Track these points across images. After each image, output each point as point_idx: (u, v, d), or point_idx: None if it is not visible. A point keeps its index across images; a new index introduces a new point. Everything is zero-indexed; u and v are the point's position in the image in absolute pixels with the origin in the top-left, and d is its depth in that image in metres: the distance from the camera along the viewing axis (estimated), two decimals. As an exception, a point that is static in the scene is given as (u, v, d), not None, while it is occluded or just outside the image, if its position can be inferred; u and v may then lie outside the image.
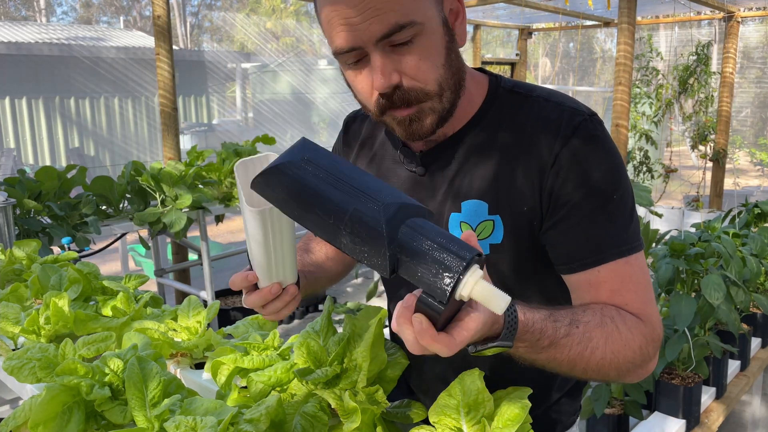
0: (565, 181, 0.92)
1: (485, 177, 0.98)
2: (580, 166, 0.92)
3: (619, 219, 0.93)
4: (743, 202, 3.21)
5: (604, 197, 0.92)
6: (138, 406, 0.97)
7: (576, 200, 0.92)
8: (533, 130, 0.95)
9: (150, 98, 12.31)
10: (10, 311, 1.46)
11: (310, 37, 29.21)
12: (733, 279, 2.15)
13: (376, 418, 0.99)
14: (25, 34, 11.72)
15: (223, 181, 3.89)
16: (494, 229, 0.97)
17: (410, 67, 0.88)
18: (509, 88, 1.01)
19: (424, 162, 1.03)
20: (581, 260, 0.93)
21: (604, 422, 1.99)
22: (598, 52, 25.05)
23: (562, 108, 0.96)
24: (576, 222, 0.92)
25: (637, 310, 0.92)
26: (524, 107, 0.98)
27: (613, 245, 0.92)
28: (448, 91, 0.92)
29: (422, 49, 0.87)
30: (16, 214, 2.84)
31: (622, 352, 0.88)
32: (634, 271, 0.93)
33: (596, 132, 0.94)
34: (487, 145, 0.99)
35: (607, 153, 0.94)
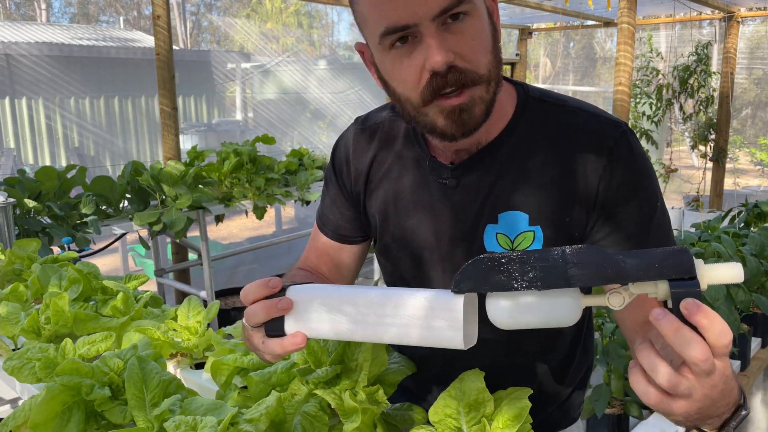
0: (617, 193, 0.93)
1: (523, 188, 0.96)
2: (628, 179, 0.93)
3: (664, 225, 0.95)
4: (743, 202, 3.21)
5: (651, 206, 0.94)
6: (138, 406, 0.97)
7: (628, 211, 0.93)
8: (573, 141, 0.94)
9: (150, 98, 12.30)
10: (10, 311, 1.46)
11: (310, 37, 29.20)
12: (733, 279, 2.16)
13: (376, 419, 0.99)
14: (25, 34, 11.72)
15: (223, 181, 3.89)
16: (534, 240, 0.96)
17: (464, 48, 0.84)
18: (538, 97, 1.00)
19: (456, 174, 0.99)
20: None
21: (604, 422, 1.99)
22: (598, 52, 25.05)
23: (599, 119, 0.96)
24: (629, 231, 0.93)
25: None
26: (558, 117, 0.97)
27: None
28: (493, 82, 0.89)
29: (474, 29, 0.85)
30: (16, 214, 2.84)
31: None
32: None
33: (636, 143, 0.95)
34: (522, 156, 0.97)
35: (646, 163, 0.95)
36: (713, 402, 0.65)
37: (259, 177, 3.95)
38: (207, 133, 12.72)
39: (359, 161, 1.11)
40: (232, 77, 17.14)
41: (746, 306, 2.20)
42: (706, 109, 6.49)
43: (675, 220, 5.77)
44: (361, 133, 1.12)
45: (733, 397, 0.69)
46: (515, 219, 0.97)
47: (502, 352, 1.07)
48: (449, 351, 0.76)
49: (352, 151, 1.12)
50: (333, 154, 1.16)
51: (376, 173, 1.09)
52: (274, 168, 4.18)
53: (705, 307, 0.61)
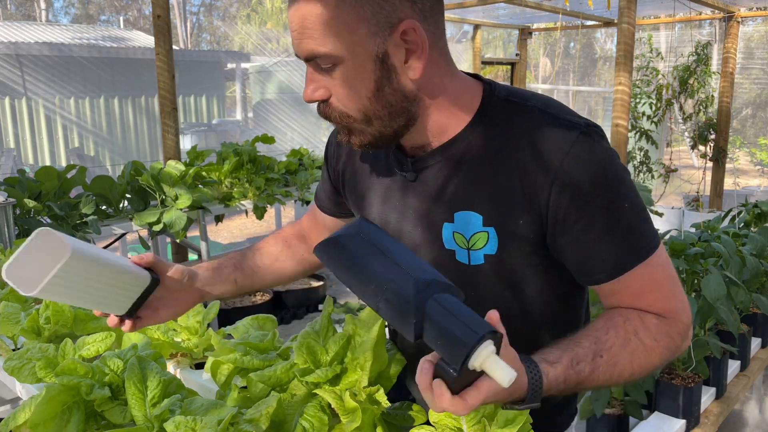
0: (573, 198, 0.91)
1: (478, 188, 0.96)
2: (585, 182, 0.90)
3: (634, 226, 0.93)
4: (743, 202, 3.21)
5: (615, 209, 0.92)
6: (138, 406, 0.97)
7: (589, 216, 0.91)
8: (530, 143, 0.93)
9: (150, 98, 12.30)
10: (10, 311, 1.46)
11: (310, 37, 29.13)
12: (733, 279, 2.15)
13: (376, 418, 0.99)
14: (25, 34, 11.72)
15: (223, 181, 3.89)
16: (488, 241, 0.97)
17: (335, 90, 0.92)
18: (504, 96, 0.99)
19: (415, 167, 1.02)
20: (604, 273, 0.94)
21: (604, 422, 1.99)
22: (598, 52, 25.05)
23: (559, 121, 0.94)
24: (594, 238, 0.92)
25: (660, 309, 0.95)
26: (519, 117, 0.96)
27: (633, 253, 0.93)
28: (377, 121, 0.93)
29: (343, 78, 0.91)
30: (16, 214, 2.84)
31: (648, 362, 0.93)
32: (654, 270, 0.94)
33: (596, 144, 0.92)
34: (479, 156, 0.97)
35: (610, 163, 0.92)
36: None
37: (259, 177, 3.95)
38: (207, 133, 12.72)
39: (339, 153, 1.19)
40: (232, 77, 17.14)
41: (746, 306, 2.19)
42: (706, 109, 6.49)
43: (675, 220, 5.77)
44: None
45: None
46: (469, 219, 0.97)
47: None
48: None
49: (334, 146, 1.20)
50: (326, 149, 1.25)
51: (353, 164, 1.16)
52: (274, 168, 4.18)
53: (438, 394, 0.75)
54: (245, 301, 4.58)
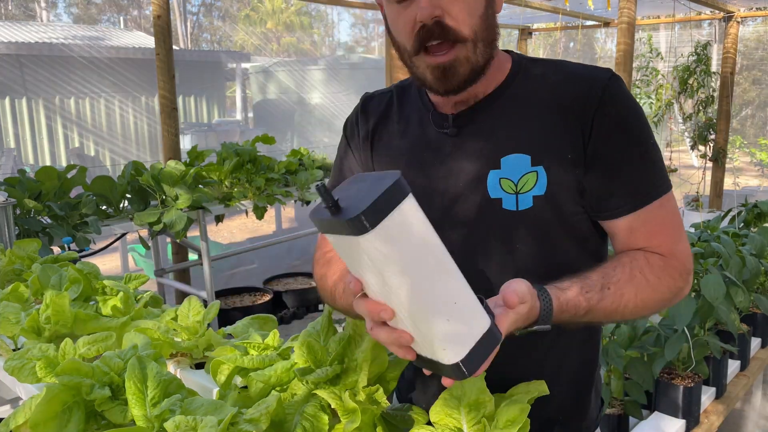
0: (612, 128, 0.98)
1: (523, 131, 1.02)
2: (622, 114, 0.99)
3: (658, 161, 1.01)
4: (743, 202, 3.21)
5: (643, 144, 1.00)
6: (138, 406, 0.97)
7: (621, 147, 0.99)
8: (566, 86, 1.01)
9: (150, 98, 12.30)
10: (10, 311, 1.46)
11: (310, 37, 29.20)
12: (732, 279, 2.15)
13: (376, 419, 0.99)
14: (25, 34, 11.72)
15: (223, 181, 3.89)
16: (537, 181, 1.00)
17: (453, 7, 0.94)
18: (532, 58, 1.09)
19: (456, 123, 1.05)
20: (627, 205, 1.00)
21: (605, 422, 1.99)
22: (598, 52, 25.05)
23: (588, 67, 1.04)
24: (622, 169, 0.99)
25: (666, 251, 1.01)
26: (550, 69, 1.05)
27: (651, 188, 1.00)
28: (481, 44, 0.97)
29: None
30: (16, 214, 2.84)
31: (652, 297, 0.98)
32: (666, 212, 1.02)
33: (625, 86, 1.02)
34: (519, 104, 1.03)
35: (636, 103, 1.02)
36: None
37: (259, 177, 3.95)
38: (207, 133, 12.72)
39: (365, 126, 1.17)
40: (232, 77, 17.15)
41: (746, 306, 2.19)
42: (706, 109, 6.49)
43: (675, 220, 5.76)
44: (368, 101, 1.20)
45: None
46: (517, 161, 1.01)
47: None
48: None
49: (360, 118, 1.19)
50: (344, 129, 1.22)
51: (381, 134, 1.15)
52: (274, 168, 4.18)
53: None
54: (245, 301, 4.59)
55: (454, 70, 0.97)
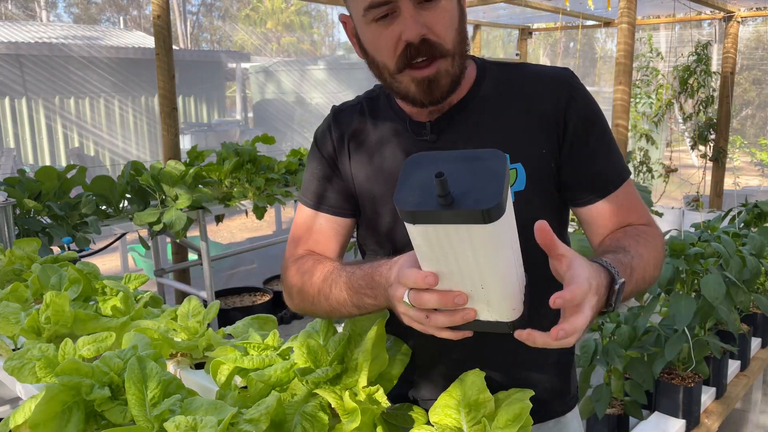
0: (581, 122, 1.06)
1: (499, 132, 1.07)
2: (588, 109, 1.07)
3: (616, 147, 1.11)
4: (743, 202, 3.21)
5: (607, 133, 1.09)
6: (138, 406, 0.96)
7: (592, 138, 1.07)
8: (533, 86, 1.08)
9: (150, 98, 12.30)
10: (10, 311, 1.46)
11: (310, 36, 29.18)
12: (732, 279, 2.15)
13: (376, 418, 0.99)
14: (25, 34, 11.72)
15: (223, 181, 3.89)
16: (517, 177, 1.05)
17: (435, 24, 0.97)
18: (495, 62, 1.15)
19: (434, 130, 1.09)
20: (606, 186, 1.07)
21: (604, 422, 1.99)
22: (598, 52, 25.05)
23: (549, 67, 1.12)
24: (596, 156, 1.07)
25: (645, 220, 1.09)
26: (515, 72, 1.11)
27: (621, 169, 1.09)
28: (458, 57, 1.01)
29: (444, 9, 0.98)
30: (16, 214, 2.84)
31: (658, 256, 1.03)
32: (633, 190, 1.11)
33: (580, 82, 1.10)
34: (492, 106, 1.08)
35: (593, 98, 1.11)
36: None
37: (259, 177, 3.95)
38: (207, 133, 12.73)
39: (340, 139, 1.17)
40: (232, 77, 17.15)
41: (746, 306, 2.19)
42: (706, 109, 6.49)
43: (675, 220, 5.77)
44: (339, 114, 1.20)
45: (603, 287, 0.84)
46: None
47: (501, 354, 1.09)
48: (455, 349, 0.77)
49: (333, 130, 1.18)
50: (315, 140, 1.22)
51: (358, 147, 1.16)
52: (274, 168, 4.18)
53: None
54: (245, 301, 4.58)
55: (437, 83, 1.00)
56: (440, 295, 0.77)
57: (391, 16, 0.97)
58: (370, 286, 0.93)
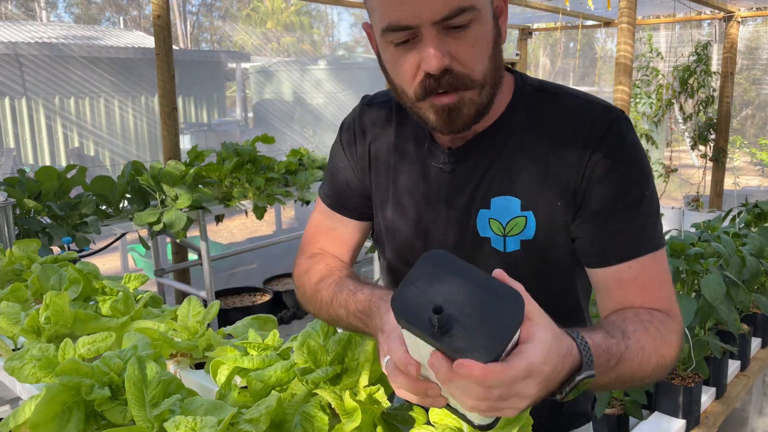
0: (602, 178, 0.94)
1: (516, 173, 0.98)
2: (617, 163, 0.94)
3: (651, 215, 0.96)
4: (743, 202, 3.21)
5: (638, 194, 0.95)
6: (138, 406, 0.96)
7: (613, 196, 0.94)
8: (565, 127, 0.96)
9: (150, 98, 12.30)
10: (10, 311, 1.46)
11: (310, 37, 29.19)
12: (733, 279, 2.15)
13: (376, 418, 0.99)
14: (25, 34, 11.71)
15: (223, 181, 3.89)
16: (526, 226, 0.97)
17: (462, 53, 0.86)
18: (536, 86, 1.02)
19: (452, 159, 1.02)
20: (617, 253, 0.94)
21: (604, 422, 1.99)
22: (598, 52, 25.06)
23: (593, 105, 0.97)
24: (614, 217, 0.94)
25: (664, 307, 0.94)
26: (553, 104, 0.99)
27: (646, 240, 0.95)
28: (488, 86, 0.91)
29: (475, 36, 0.86)
30: (16, 214, 2.84)
31: (668, 353, 0.89)
32: (660, 267, 0.96)
33: (628, 130, 0.96)
34: (516, 142, 0.99)
35: (639, 151, 0.96)
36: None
37: (259, 177, 3.95)
38: (207, 133, 12.73)
39: (362, 137, 1.12)
40: (232, 77, 17.15)
41: (746, 306, 2.19)
42: (706, 109, 6.49)
43: (675, 220, 5.77)
44: (368, 109, 1.14)
45: (562, 374, 0.71)
46: (507, 204, 0.98)
47: None
48: None
49: (357, 126, 1.13)
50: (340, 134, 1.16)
51: (379, 151, 1.10)
52: (274, 168, 4.18)
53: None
54: (245, 301, 4.59)
55: (459, 112, 0.91)
56: (414, 383, 0.70)
57: (413, 41, 0.86)
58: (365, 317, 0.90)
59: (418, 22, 0.83)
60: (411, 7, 0.83)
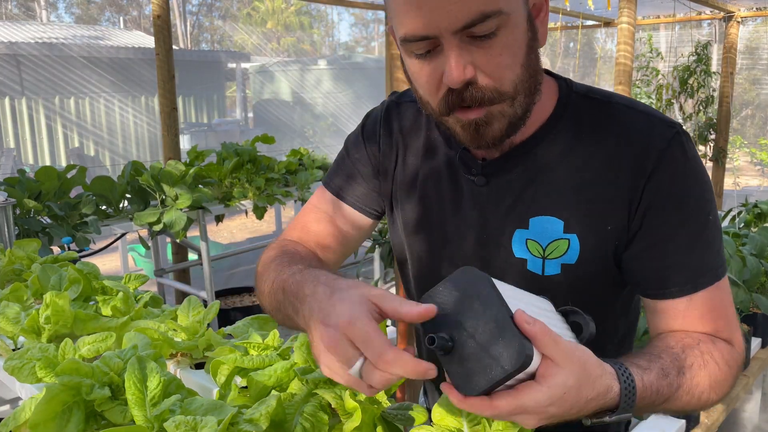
0: (664, 201, 0.85)
1: (560, 191, 0.88)
2: (679, 185, 0.85)
3: (715, 242, 0.87)
4: (743, 202, 3.21)
5: (701, 219, 0.86)
6: (138, 406, 0.96)
7: (675, 222, 0.85)
8: (619, 141, 0.86)
9: (150, 98, 12.30)
10: (10, 311, 1.46)
11: (310, 37, 29.19)
12: (733, 279, 2.15)
13: (376, 418, 0.99)
14: (24, 34, 11.72)
15: (223, 181, 3.89)
16: (569, 249, 0.88)
17: (488, 63, 0.77)
18: (583, 93, 0.92)
19: (486, 171, 0.92)
20: (679, 286, 0.86)
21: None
22: (598, 52, 25.06)
23: (650, 118, 0.88)
24: (675, 247, 0.86)
25: (727, 336, 0.88)
26: (604, 114, 0.89)
27: (709, 269, 0.87)
28: (521, 95, 0.82)
29: (504, 43, 0.77)
30: (16, 214, 2.84)
31: (723, 388, 0.84)
32: (723, 296, 0.88)
33: (689, 146, 0.87)
34: (560, 156, 0.89)
35: (701, 169, 0.87)
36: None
37: (259, 177, 3.95)
38: (207, 133, 12.73)
39: (389, 138, 1.04)
40: (232, 77, 17.15)
41: (746, 306, 2.19)
42: (706, 109, 6.49)
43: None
44: (396, 107, 1.05)
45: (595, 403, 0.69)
46: (548, 225, 0.89)
47: None
48: None
49: (384, 124, 1.04)
50: (363, 125, 1.08)
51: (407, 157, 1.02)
52: (274, 168, 4.18)
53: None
54: (245, 301, 4.58)
55: (488, 126, 0.82)
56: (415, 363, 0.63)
57: (434, 50, 0.78)
58: (295, 299, 0.79)
59: (437, 32, 0.75)
60: (429, 15, 0.74)
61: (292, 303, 0.81)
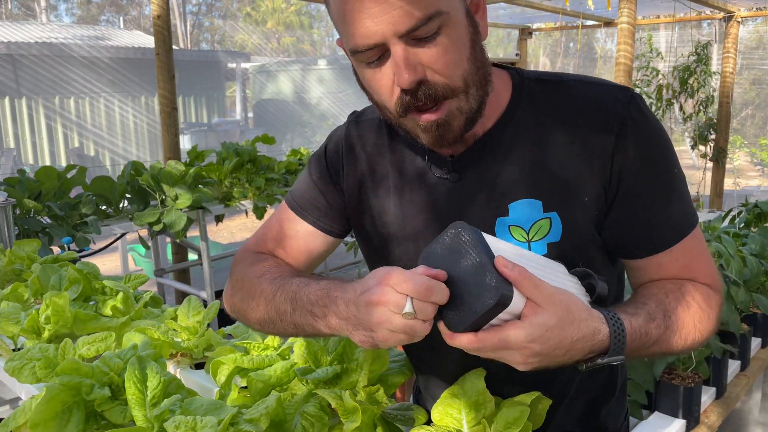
0: (634, 162, 0.88)
1: (533, 173, 0.90)
2: (644, 145, 0.88)
3: (685, 191, 0.92)
4: (743, 202, 3.21)
5: (671, 172, 0.90)
6: (138, 406, 0.96)
7: (648, 180, 0.89)
8: (580, 115, 0.89)
9: (150, 98, 12.31)
10: (10, 311, 1.46)
11: (310, 36, 29.19)
12: (733, 279, 2.15)
13: (376, 418, 0.99)
14: (25, 34, 11.72)
15: (223, 181, 3.89)
16: (551, 228, 0.90)
17: (436, 61, 0.81)
18: (535, 77, 0.95)
19: (456, 167, 0.94)
20: (664, 239, 0.91)
21: (605, 422, 1.99)
22: (598, 52, 25.06)
23: (602, 87, 0.91)
24: (653, 202, 0.90)
25: (707, 280, 0.92)
26: (560, 93, 0.92)
27: (685, 220, 0.91)
28: (473, 88, 0.85)
29: (448, 41, 0.81)
30: (16, 214, 2.84)
31: (707, 327, 0.89)
32: (698, 241, 0.93)
33: (645, 106, 0.90)
34: (525, 140, 0.91)
35: (659, 125, 0.91)
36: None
37: (259, 177, 3.95)
38: (207, 133, 12.74)
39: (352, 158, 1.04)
40: (232, 77, 17.15)
41: (746, 306, 2.19)
42: (706, 109, 6.49)
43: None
44: (355, 127, 1.06)
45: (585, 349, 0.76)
46: (528, 208, 0.91)
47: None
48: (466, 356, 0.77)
49: (345, 146, 1.05)
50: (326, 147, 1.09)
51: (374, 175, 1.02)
52: (274, 168, 4.18)
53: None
54: (245, 301, 4.58)
55: (448, 126, 0.85)
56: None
57: (383, 57, 0.82)
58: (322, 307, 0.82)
59: (383, 39, 0.79)
60: (374, 24, 0.78)
61: (310, 311, 0.85)
